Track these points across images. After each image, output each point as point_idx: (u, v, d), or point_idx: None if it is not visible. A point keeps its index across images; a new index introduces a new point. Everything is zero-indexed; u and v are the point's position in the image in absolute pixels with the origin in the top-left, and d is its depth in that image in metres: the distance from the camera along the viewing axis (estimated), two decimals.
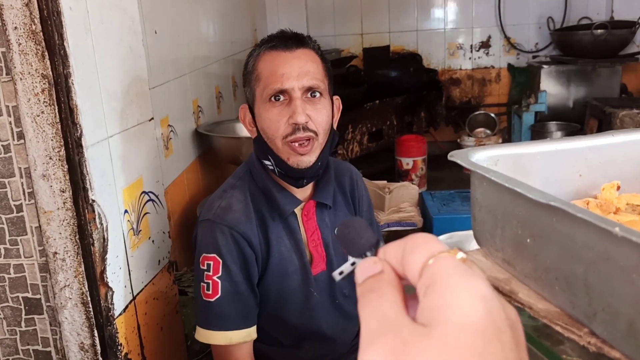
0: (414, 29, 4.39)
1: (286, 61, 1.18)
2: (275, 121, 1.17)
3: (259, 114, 1.20)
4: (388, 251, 0.36)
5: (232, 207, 1.20)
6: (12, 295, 1.08)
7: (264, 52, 1.21)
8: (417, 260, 0.34)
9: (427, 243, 0.35)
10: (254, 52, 1.24)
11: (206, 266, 1.17)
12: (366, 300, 0.34)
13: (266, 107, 1.18)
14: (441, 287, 0.32)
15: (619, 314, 0.41)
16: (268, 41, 1.22)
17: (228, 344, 1.18)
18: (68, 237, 1.03)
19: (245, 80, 1.25)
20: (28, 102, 0.96)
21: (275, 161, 1.20)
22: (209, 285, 1.17)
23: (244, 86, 1.26)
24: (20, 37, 0.94)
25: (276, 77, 1.16)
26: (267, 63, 1.19)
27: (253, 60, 1.22)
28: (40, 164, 0.99)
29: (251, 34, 3.67)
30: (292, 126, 1.15)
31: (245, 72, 1.25)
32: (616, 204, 0.62)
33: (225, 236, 1.17)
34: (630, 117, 3.17)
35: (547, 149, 0.62)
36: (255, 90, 1.20)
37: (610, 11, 4.19)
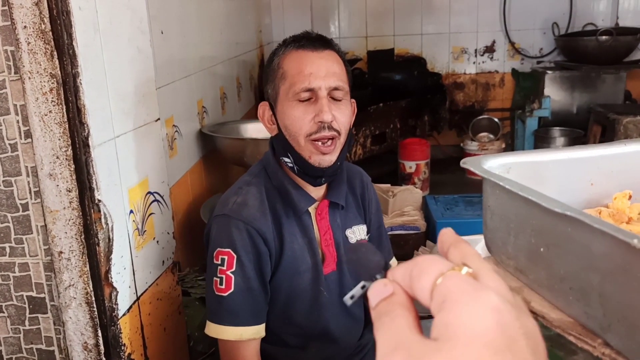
0: (419, 33, 4.39)
1: (314, 61, 1.19)
2: (300, 119, 1.18)
3: (283, 112, 1.21)
4: (396, 273, 0.38)
5: (248, 203, 1.21)
6: (17, 293, 1.08)
7: (290, 51, 1.22)
8: (426, 285, 0.35)
9: (431, 265, 0.35)
10: (278, 50, 1.25)
11: (220, 261, 1.17)
12: (380, 324, 0.35)
13: (291, 104, 1.19)
14: (450, 304, 0.32)
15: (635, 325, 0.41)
16: (294, 41, 1.23)
17: (238, 339, 1.17)
18: (73, 236, 1.02)
19: (267, 77, 1.26)
20: (36, 101, 0.96)
21: (295, 159, 1.21)
22: (222, 280, 1.17)
23: (265, 84, 1.27)
24: (29, 36, 0.94)
25: (303, 76, 1.18)
26: (294, 62, 1.20)
27: (278, 59, 1.23)
28: (47, 163, 0.99)
29: (256, 35, 3.67)
30: (317, 124, 1.17)
31: (269, 70, 1.25)
32: (628, 213, 0.62)
33: (240, 231, 1.17)
34: (634, 123, 3.17)
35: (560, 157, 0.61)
36: (280, 87, 1.21)
37: (615, 18, 4.19)
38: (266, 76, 1.26)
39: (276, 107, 1.23)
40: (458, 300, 0.32)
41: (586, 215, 0.43)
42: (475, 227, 1.29)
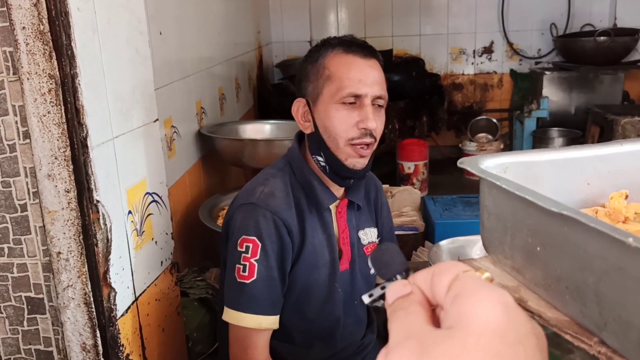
0: (417, 34, 4.40)
1: (363, 68, 1.23)
2: (343, 122, 1.21)
3: (325, 112, 1.23)
4: (417, 277, 0.39)
5: (275, 194, 1.23)
6: (15, 294, 1.08)
7: (337, 54, 1.24)
8: (445, 280, 0.36)
9: (454, 266, 0.37)
10: (323, 50, 1.26)
11: (244, 248, 1.19)
12: (395, 317, 0.36)
13: (336, 107, 1.21)
14: (466, 296, 0.34)
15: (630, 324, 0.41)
16: (341, 43, 1.25)
17: (257, 327, 1.19)
18: (72, 237, 1.03)
19: (307, 75, 1.27)
20: (34, 102, 0.96)
21: (329, 159, 1.24)
22: (245, 267, 1.18)
23: (303, 81, 1.28)
24: (28, 37, 0.94)
25: (353, 81, 1.21)
26: (342, 66, 1.23)
27: (324, 59, 1.25)
28: (46, 164, 0.99)
29: (254, 36, 3.67)
30: (360, 131, 1.21)
31: (310, 68, 1.26)
32: (625, 213, 0.62)
33: (267, 221, 1.19)
34: (632, 124, 3.18)
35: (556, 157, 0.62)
36: (324, 88, 1.23)
37: (613, 18, 4.20)
38: (305, 73, 1.27)
39: (315, 106, 1.25)
40: (473, 293, 0.34)
41: (582, 215, 0.43)
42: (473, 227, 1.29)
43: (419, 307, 0.36)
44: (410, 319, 0.35)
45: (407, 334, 0.34)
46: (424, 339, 0.32)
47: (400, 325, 0.35)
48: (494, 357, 0.30)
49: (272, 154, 2.37)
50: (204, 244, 2.24)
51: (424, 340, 0.32)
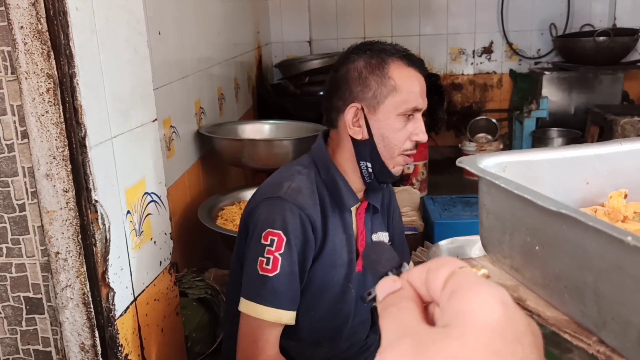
0: (417, 34, 4.40)
1: (421, 82, 1.28)
2: (402, 134, 1.25)
3: (386, 122, 1.25)
4: (412, 273, 0.38)
5: (301, 190, 1.25)
6: (14, 294, 1.08)
7: (400, 65, 1.26)
8: (441, 275, 0.35)
9: (450, 262, 0.36)
10: (383, 56, 1.27)
11: (269, 241, 1.19)
12: (387, 314, 0.36)
13: (398, 119, 1.25)
14: (463, 293, 0.33)
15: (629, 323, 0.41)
16: (397, 52, 1.28)
17: (276, 321, 1.19)
18: (70, 237, 1.02)
19: (366, 80, 1.26)
20: (33, 102, 0.96)
21: (377, 166, 1.27)
22: (269, 260, 1.18)
23: (358, 85, 1.26)
24: (26, 37, 0.94)
25: (416, 95, 1.25)
26: (407, 79, 1.26)
27: (387, 67, 1.25)
28: (44, 164, 0.99)
29: (254, 36, 3.67)
30: (412, 142, 1.27)
31: (370, 74, 1.26)
32: (624, 212, 0.62)
33: (294, 215, 1.20)
34: (631, 124, 3.18)
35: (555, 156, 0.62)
36: (387, 98, 1.25)
37: (612, 18, 4.20)
38: (363, 79, 1.26)
39: (374, 114, 1.26)
40: (471, 290, 0.33)
41: (580, 213, 0.43)
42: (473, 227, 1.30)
43: (411, 302, 0.36)
44: (403, 316, 0.34)
45: (401, 332, 0.33)
46: (420, 338, 0.32)
47: (392, 323, 0.34)
48: (492, 356, 0.30)
49: (272, 154, 2.37)
50: (203, 244, 2.24)
51: (419, 339, 0.32)
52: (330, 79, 1.35)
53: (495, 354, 0.30)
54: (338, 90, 1.30)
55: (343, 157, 1.31)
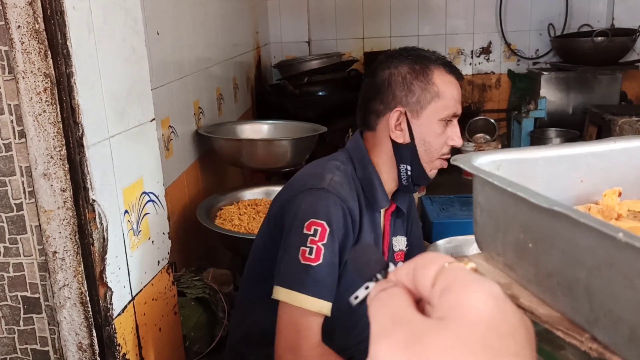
0: (415, 34, 4.40)
1: (459, 90, 1.34)
2: (442, 139, 1.31)
3: (429, 127, 1.30)
4: (399, 272, 0.38)
5: (343, 183, 1.27)
6: (11, 294, 1.08)
7: (442, 72, 1.31)
8: (430, 273, 0.35)
9: (437, 258, 0.36)
10: (426, 62, 1.32)
11: (312, 231, 1.20)
12: (378, 300, 0.35)
13: (439, 124, 1.30)
14: (457, 287, 0.33)
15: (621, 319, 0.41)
16: (438, 59, 1.33)
17: (318, 311, 1.19)
18: (68, 236, 1.03)
19: (409, 85, 1.30)
20: (30, 101, 0.96)
21: (416, 169, 1.31)
22: (312, 250, 1.19)
23: (402, 90, 1.30)
24: (23, 36, 0.94)
25: (456, 102, 1.31)
26: (449, 86, 1.31)
27: (431, 74, 1.30)
28: (41, 163, 0.99)
29: (253, 36, 3.67)
30: (449, 147, 1.32)
31: (413, 79, 1.30)
32: (618, 210, 0.62)
33: (337, 207, 1.22)
34: (629, 124, 3.18)
35: (550, 154, 0.62)
36: (430, 104, 1.29)
37: (611, 18, 4.20)
38: (407, 84, 1.30)
39: (417, 119, 1.30)
40: (463, 285, 0.33)
41: (573, 210, 0.43)
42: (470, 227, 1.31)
43: (403, 291, 0.35)
44: (395, 302, 0.34)
45: (394, 319, 0.33)
46: (414, 327, 0.32)
47: (384, 308, 0.34)
48: (486, 350, 0.30)
49: (270, 154, 2.37)
50: (201, 244, 2.24)
51: (413, 329, 0.32)
52: (369, 83, 1.38)
53: (488, 348, 0.30)
54: (379, 94, 1.34)
55: (380, 158, 1.34)
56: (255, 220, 2.16)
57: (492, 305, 0.32)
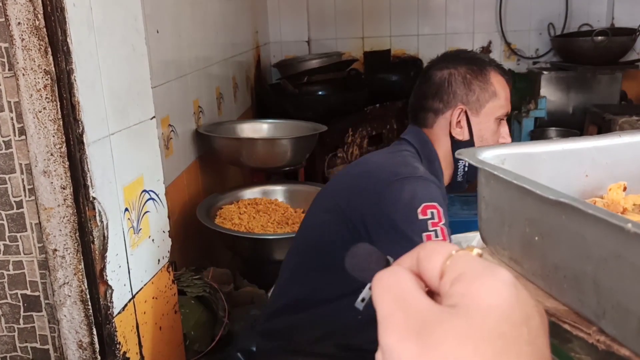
0: (415, 34, 4.40)
1: (509, 91, 1.43)
2: (496, 136, 1.39)
3: (487, 125, 1.39)
4: (402, 264, 0.36)
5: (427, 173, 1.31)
6: (11, 292, 1.07)
7: (497, 74, 1.41)
8: (435, 264, 0.34)
9: (440, 247, 0.35)
10: (482, 64, 1.42)
11: (430, 214, 1.20)
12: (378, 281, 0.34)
13: (495, 122, 1.40)
14: (467, 276, 0.32)
15: (629, 311, 0.41)
16: (492, 62, 1.44)
17: None
18: (68, 234, 1.02)
19: (470, 84, 1.39)
20: (30, 98, 0.96)
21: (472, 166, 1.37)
22: (437, 232, 1.18)
23: (462, 88, 1.39)
24: (23, 33, 0.94)
25: (509, 102, 1.41)
26: (503, 87, 1.41)
27: (488, 75, 1.40)
28: (41, 161, 0.98)
29: (252, 36, 3.67)
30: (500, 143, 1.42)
31: (473, 79, 1.39)
32: (623, 204, 0.62)
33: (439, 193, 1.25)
34: (629, 123, 3.18)
35: (554, 148, 0.62)
36: (488, 102, 1.39)
37: (611, 18, 4.20)
38: (467, 83, 1.39)
39: (476, 116, 1.39)
40: (475, 273, 0.32)
41: (580, 201, 0.43)
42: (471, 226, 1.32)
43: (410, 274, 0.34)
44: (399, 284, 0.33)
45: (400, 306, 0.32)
46: (423, 314, 0.31)
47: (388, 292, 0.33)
48: (498, 338, 0.29)
49: (270, 153, 2.37)
50: (201, 243, 2.23)
51: (423, 316, 0.31)
52: (425, 83, 1.46)
53: (502, 337, 0.29)
54: (438, 93, 1.42)
55: (439, 155, 1.41)
56: (255, 219, 2.16)
57: (506, 293, 0.31)
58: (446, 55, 1.51)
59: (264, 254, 2.06)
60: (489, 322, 0.30)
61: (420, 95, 1.47)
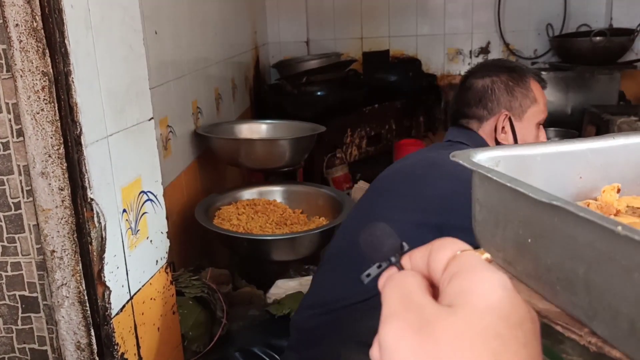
0: (414, 34, 4.40)
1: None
2: (538, 140, 1.45)
3: (529, 130, 1.46)
4: (414, 254, 0.38)
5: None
6: (9, 293, 1.08)
7: (535, 81, 1.49)
8: (443, 256, 0.35)
9: (453, 243, 0.36)
10: (521, 71, 1.49)
11: None
12: (390, 281, 0.35)
13: (535, 128, 1.47)
14: (468, 274, 0.33)
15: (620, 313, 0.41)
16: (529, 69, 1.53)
17: None
18: (66, 235, 1.02)
19: (512, 91, 1.46)
20: (28, 100, 0.96)
21: None
22: None
23: (505, 95, 1.46)
24: (21, 34, 0.94)
25: (546, 108, 1.50)
26: (541, 93, 1.49)
27: (528, 82, 1.48)
28: (39, 162, 0.99)
29: (251, 36, 3.67)
30: None
31: (515, 86, 1.46)
32: (616, 206, 0.62)
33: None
34: (628, 124, 3.18)
35: (548, 150, 0.62)
36: (530, 108, 1.46)
37: (609, 18, 4.21)
38: (511, 91, 1.46)
39: (519, 122, 1.45)
40: (474, 271, 0.33)
41: (572, 204, 0.43)
42: None
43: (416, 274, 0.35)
44: (407, 285, 0.34)
45: (405, 303, 0.32)
46: (424, 312, 0.32)
47: (395, 289, 0.34)
48: (495, 339, 0.30)
49: (269, 153, 2.37)
50: (199, 243, 2.23)
51: (423, 314, 0.31)
52: (467, 92, 1.53)
53: (498, 337, 0.30)
54: (481, 100, 1.48)
55: None
56: (254, 220, 2.16)
57: (502, 294, 0.32)
58: (485, 64, 1.59)
59: (262, 255, 2.07)
60: (486, 321, 0.30)
61: (463, 103, 1.53)
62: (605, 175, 0.65)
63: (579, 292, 0.45)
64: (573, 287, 0.45)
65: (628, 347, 0.42)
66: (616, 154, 0.65)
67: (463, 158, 0.56)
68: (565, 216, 0.44)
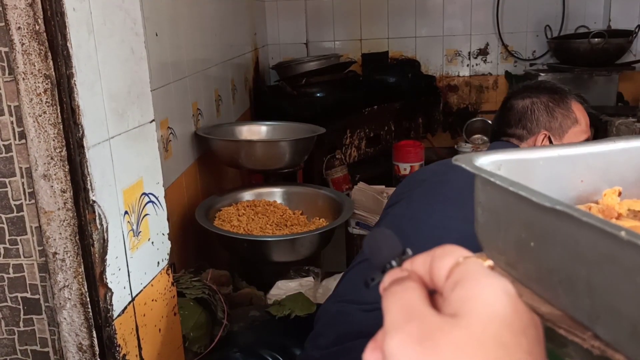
0: (413, 36, 4.41)
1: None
2: None
3: None
4: (416, 261, 0.37)
5: None
6: (11, 295, 1.08)
7: (576, 102, 1.53)
8: (446, 264, 0.35)
9: (455, 250, 0.36)
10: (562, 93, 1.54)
11: None
12: (391, 293, 0.35)
13: None
14: (470, 282, 0.33)
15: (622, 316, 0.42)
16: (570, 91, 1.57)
17: None
18: (68, 237, 1.03)
19: (553, 112, 1.49)
20: (30, 102, 0.96)
21: None
22: None
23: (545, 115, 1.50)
24: (23, 37, 0.94)
25: (588, 128, 1.54)
26: (583, 114, 1.53)
27: (570, 103, 1.52)
28: (42, 164, 0.99)
29: (251, 38, 3.67)
30: None
31: (556, 107, 1.49)
32: (618, 209, 0.63)
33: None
34: (626, 125, 3.19)
35: (550, 154, 0.62)
36: (570, 128, 1.50)
37: (607, 20, 4.22)
38: (551, 111, 1.49)
39: (558, 141, 1.47)
40: (477, 280, 0.33)
41: (575, 209, 0.44)
42: None
43: (417, 285, 0.35)
44: (409, 296, 0.34)
45: (407, 315, 0.32)
46: (426, 324, 0.31)
47: (397, 302, 0.34)
48: (500, 347, 0.30)
49: (269, 155, 2.38)
50: (200, 245, 2.24)
51: (426, 325, 0.31)
52: (507, 112, 1.58)
53: (502, 345, 0.30)
54: (521, 120, 1.52)
55: None
56: (254, 221, 2.17)
57: (505, 301, 0.32)
58: (527, 85, 1.61)
59: (262, 256, 2.07)
60: (489, 330, 0.30)
61: (503, 123, 1.58)
62: (606, 179, 0.65)
63: (582, 296, 0.45)
64: (575, 291, 0.46)
65: (630, 350, 0.42)
66: (617, 158, 0.66)
67: (465, 162, 0.57)
68: (568, 220, 0.45)
